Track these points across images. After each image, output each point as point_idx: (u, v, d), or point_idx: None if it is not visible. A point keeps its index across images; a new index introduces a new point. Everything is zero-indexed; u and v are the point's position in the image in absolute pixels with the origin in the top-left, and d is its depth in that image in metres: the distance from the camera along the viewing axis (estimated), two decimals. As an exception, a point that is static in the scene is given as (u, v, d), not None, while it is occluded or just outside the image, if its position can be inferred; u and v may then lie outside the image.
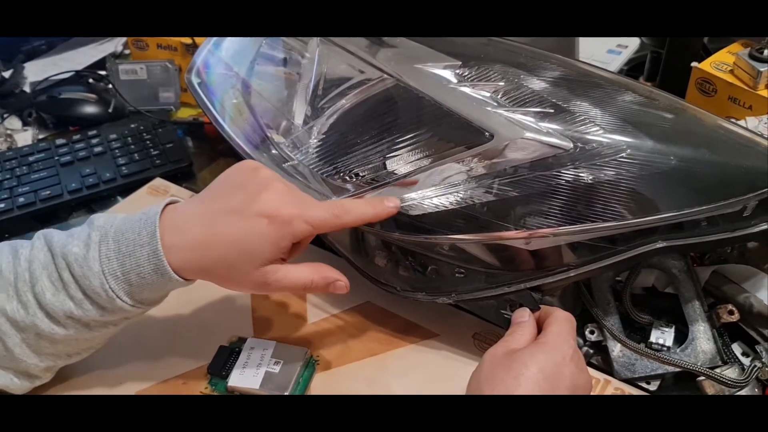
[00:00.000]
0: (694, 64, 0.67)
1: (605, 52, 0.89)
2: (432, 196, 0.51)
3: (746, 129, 0.50)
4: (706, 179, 0.47)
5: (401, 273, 0.57)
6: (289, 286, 0.48)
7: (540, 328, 0.49)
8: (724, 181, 0.47)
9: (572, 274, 0.50)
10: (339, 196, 0.54)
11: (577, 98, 0.50)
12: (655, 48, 0.81)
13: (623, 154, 0.47)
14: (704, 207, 0.46)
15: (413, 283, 0.56)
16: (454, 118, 0.51)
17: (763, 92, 0.63)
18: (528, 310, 0.50)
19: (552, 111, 0.49)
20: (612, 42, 0.90)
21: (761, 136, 0.49)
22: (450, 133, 0.51)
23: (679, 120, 0.51)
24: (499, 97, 0.51)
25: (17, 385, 0.49)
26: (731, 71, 0.66)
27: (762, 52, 0.63)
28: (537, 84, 0.51)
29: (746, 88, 0.64)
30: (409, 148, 0.53)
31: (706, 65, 0.67)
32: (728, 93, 0.65)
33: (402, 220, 0.52)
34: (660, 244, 0.49)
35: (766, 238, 0.50)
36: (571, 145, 0.48)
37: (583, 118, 0.49)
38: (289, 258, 0.49)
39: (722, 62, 0.67)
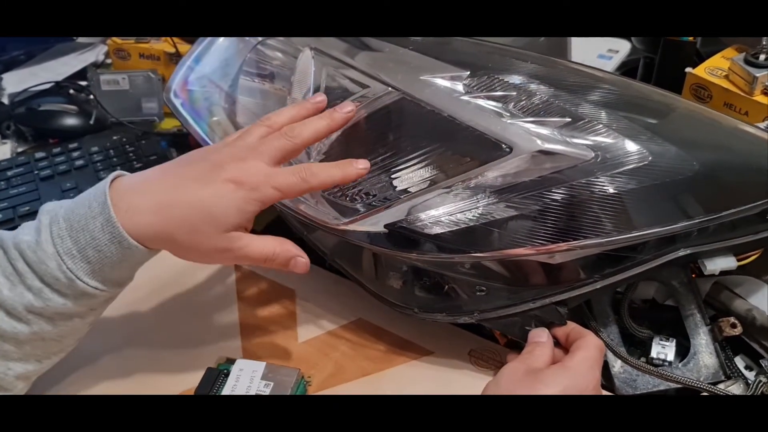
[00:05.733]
0: (688, 69, 0.66)
1: (596, 57, 0.88)
2: (450, 213, 0.49)
3: (760, 129, 0.49)
4: (728, 183, 0.46)
5: (418, 294, 0.55)
6: (252, 255, 0.47)
7: (567, 347, 0.49)
8: (746, 184, 0.46)
9: (598, 286, 0.49)
10: (347, 217, 0.52)
11: (594, 106, 0.48)
12: (648, 53, 0.80)
13: (645, 162, 0.45)
14: (728, 212, 0.46)
15: (432, 304, 0.54)
16: (469, 131, 0.48)
17: (759, 98, 0.62)
18: (546, 330, 0.49)
19: (569, 120, 0.47)
20: (603, 47, 0.89)
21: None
22: (465, 147, 0.49)
23: (698, 123, 0.50)
24: (511, 107, 0.49)
25: None
26: (726, 77, 0.64)
27: (757, 57, 0.62)
28: (550, 92, 0.49)
29: (742, 93, 0.63)
30: (421, 164, 0.50)
31: (701, 71, 0.66)
32: (724, 99, 0.64)
33: (420, 240, 0.50)
34: (682, 252, 0.48)
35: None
36: (592, 155, 0.46)
37: (601, 126, 0.47)
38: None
39: (717, 67, 0.65)
